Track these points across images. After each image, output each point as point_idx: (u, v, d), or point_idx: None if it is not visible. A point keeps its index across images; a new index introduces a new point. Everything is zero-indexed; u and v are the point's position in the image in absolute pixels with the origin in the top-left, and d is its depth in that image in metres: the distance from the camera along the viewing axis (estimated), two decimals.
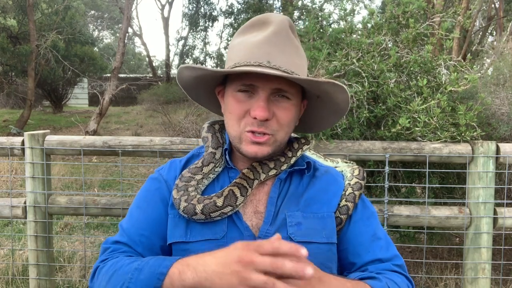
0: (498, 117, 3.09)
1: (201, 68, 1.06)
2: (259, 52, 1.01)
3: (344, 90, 1.05)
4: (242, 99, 1.04)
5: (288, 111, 1.05)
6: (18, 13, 11.85)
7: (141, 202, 1.15)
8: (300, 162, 1.17)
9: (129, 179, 6.27)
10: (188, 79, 1.14)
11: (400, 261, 1.12)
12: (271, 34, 1.02)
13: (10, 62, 11.33)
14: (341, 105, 1.11)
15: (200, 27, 17.67)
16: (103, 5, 25.17)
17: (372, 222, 1.17)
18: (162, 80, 18.41)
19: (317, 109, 1.17)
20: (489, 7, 10.91)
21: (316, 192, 1.14)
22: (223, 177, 1.15)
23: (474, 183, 2.37)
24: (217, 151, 1.15)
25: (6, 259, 3.35)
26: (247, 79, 1.02)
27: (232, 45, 1.10)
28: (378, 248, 1.11)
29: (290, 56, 1.04)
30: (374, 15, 2.90)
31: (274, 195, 1.10)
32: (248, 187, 1.07)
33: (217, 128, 1.22)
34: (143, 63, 29.91)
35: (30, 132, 2.49)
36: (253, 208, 1.10)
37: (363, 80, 2.56)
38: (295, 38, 1.08)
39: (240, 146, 1.07)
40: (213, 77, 1.11)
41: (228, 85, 1.09)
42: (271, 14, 1.08)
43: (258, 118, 1.01)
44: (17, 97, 13.62)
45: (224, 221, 1.06)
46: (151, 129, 11.14)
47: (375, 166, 2.69)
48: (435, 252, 3.65)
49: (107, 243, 1.11)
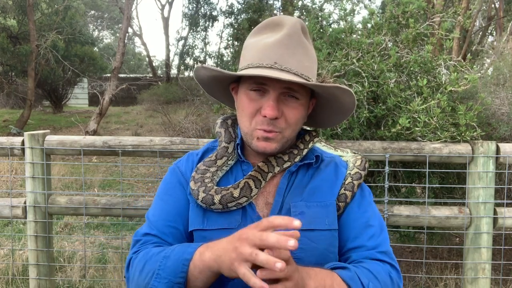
0: (498, 117, 3.09)
1: (217, 70, 1.14)
2: (270, 54, 1.07)
3: (350, 94, 1.12)
4: (254, 98, 1.11)
5: (296, 111, 1.12)
6: (18, 13, 11.85)
7: (163, 194, 1.22)
8: (310, 155, 1.23)
9: (129, 179, 6.27)
10: (204, 77, 1.22)
11: (385, 247, 1.14)
12: (284, 37, 1.08)
13: (10, 62, 11.33)
14: (347, 106, 1.18)
15: (200, 27, 17.66)
16: (103, 5, 25.18)
17: (367, 210, 1.20)
18: (162, 80, 18.40)
19: (325, 108, 1.24)
20: (489, 7, 10.91)
21: (319, 182, 1.19)
22: (236, 169, 1.22)
23: (474, 183, 2.37)
24: (229, 145, 1.22)
25: (6, 259, 3.35)
26: (259, 79, 1.09)
27: (246, 45, 1.17)
28: (367, 236, 1.14)
29: (300, 58, 1.09)
30: (374, 15, 2.90)
31: (282, 187, 1.17)
32: (262, 180, 1.15)
33: (229, 123, 1.29)
34: (143, 63, 29.90)
35: (30, 132, 2.49)
36: (264, 199, 1.17)
37: (363, 80, 2.56)
38: (307, 40, 1.13)
39: (252, 142, 1.15)
40: (227, 77, 1.18)
41: (242, 83, 1.16)
42: (285, 17, 1.13)
43: (268, 116, 1.08)
44: (17, 97, 13.61)
45: (238, 212, 1.13)
46: (151, 129, 11.14)
47: (375, 166, 2.69)
48: (435, 252, 3.65)
49: (137, 235, 1.17)
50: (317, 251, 1.10)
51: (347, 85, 2.60)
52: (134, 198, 2.55)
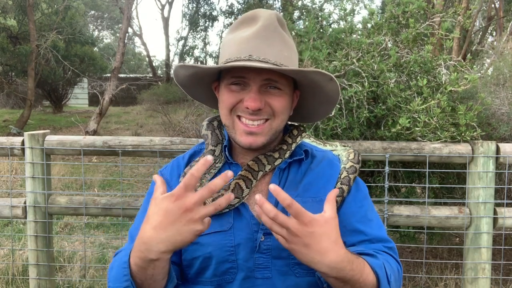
0: (498, 117, 3.09)
1: (194, 66, 1.11)
2: (247, 47, 1.05)
3: (331, 78, 1.08)
4: (235, 90, 1.09)
5: (281, 99, 1.09)
6: (18, 13, 11.85)
7: (146, 210, 1.18)
8: (298, 151, 1.21)
9: (129, 179, 6.27)
10: (184, 77, 1.18)
11: (391, 243, 1.14)
12: (259, 29, 1.07)
13: (10, 62, 11.34)
14: (331, 94, 1.15)
15: (200, 27, 17.67)
16: (103, 5, 25.19)
17: (364, 204, 1.19)
18: (162, 80, 18.40)
19: (309, 100, 1.21)
20: (489, 7, 10.91)
21: (313, 177, 1.18)
22: (225, 171, 1.17)
23: (474, 183, 2.37)
24: (216, 148, 1.19)
25: (6, 259, 3.35)
26: (238, 72, 1.07)
27: (224, 42, 1.15)
28: (369, 229, 1.13)
29: (278, 48, 1.07)
30: (374, 15, 2.91)
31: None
32: (253, 179, 1.12)
33: (216, 125, 1.26)
34: (143, 63, 29.90)
35: (30, 132, 2.49)
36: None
37: (363, 80, 2.56)
38: (284, 31, 1.11)
39: (235, 136, 1.12)
40: (207, 74, 1.15)
41: (222, 79, 1.13)
42: (260, 10, 1.12)
43: (250, 108, 1.05)
44: (17, 97, 13.61)
45: (230, 213, 1.10)
46: (151, 129, 11.14)
47: (375, 166, 2.69)
48: (435, 252, 3.65)
49: (117, 252, 1.16)
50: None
51: (347, 85, 2.60)
52: (134, 198, 2.55)
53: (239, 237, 1.08)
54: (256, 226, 1.09)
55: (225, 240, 1.08)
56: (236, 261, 1.07)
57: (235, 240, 1.08)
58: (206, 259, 1.08)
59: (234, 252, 1.08)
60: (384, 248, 1.11)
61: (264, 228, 1.07)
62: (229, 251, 1.07)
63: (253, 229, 1.09)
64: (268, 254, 1.08)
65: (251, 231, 1.09)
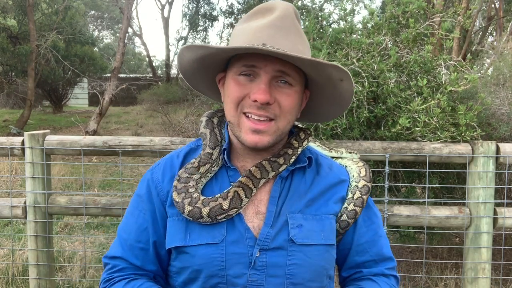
0: (498, 117, 3.09)
1: (204, 46, 1.00)
2: (262, 35, 0.98)
3: (348, 77, 1.01)
4: (243, 83, 1.00)
5: (290, 97, 1.01)
6: (18, 13, 11.84)
7: (134, 209, 1.14)
8: (302, 157, 1.13)
9: (129, 179, 6.26)
10: (189, 62, 1.09)
11: (393, 263, 1.18)
12: (275, 19, 1.00)
13: (10, 62, 11.33)
14: (344, 94, 1.07)
15: (200, 27, 17.67)
16: (103, 5, 25.17)
17: (374, 221, 1.19)
18: (162, 80, 18.41)
19: (320, 98, 1.13)
20: (489, 7, 10.90)
21: (318, 193, 1.11)
22: (222, 175, 1.11)
23: (474, 183, 2.37)
24: (214, 151, 1.10)
25: (6, 259, 3.35)
26: (250, 60, 0.99)
27: (234, 32, 1.07)
28: (375, 249, 1.16)
29: (294, 41, 1.01)
30: (374, 15, 2.91)
31: (275, 195, 1.07)
32: (253, 188, 1.04)
33: (215, 122, 1.17)
34: (143, 63, 29.88)
35: (30, 132, 2.49)
36: (254, 208, 1.06)
37: (363, 80, 2.56)
38: (299, 25, 1.05)
39: (240, 134, 1.03)
40: (214, 61, 1.06)
41: (229, 69, 1.05)
42: (276, 1, 1.05)
43: (259, 101, 0.97)
44: (17, 97, 13.61)
45: (223, 224, 1.03)
46: (151, 129, 11.14)
47: (375, 166, 2.69)
48: (435, 252, 3.65)
49: (106, 257, 1.13)
50: (312, 267, 1.03)
51: None
52: None
53: (230, 251, 1.01)
54: (251, 241, 1.02)
55: (215, 254, 1.01)
56: (225, 277, 1.00)
57: (226, 254, 1.01)
58: (194, 272, 1.02)
59: (224, 267, 1.00)
60: (385, 270, 1.15)
61: (260, 243, 1.02)
62: (219, 266, 1.00)
63: (248, 243, 1.02)
64: (263, 271, 1.01)
65: (246, 245, 1.02)
